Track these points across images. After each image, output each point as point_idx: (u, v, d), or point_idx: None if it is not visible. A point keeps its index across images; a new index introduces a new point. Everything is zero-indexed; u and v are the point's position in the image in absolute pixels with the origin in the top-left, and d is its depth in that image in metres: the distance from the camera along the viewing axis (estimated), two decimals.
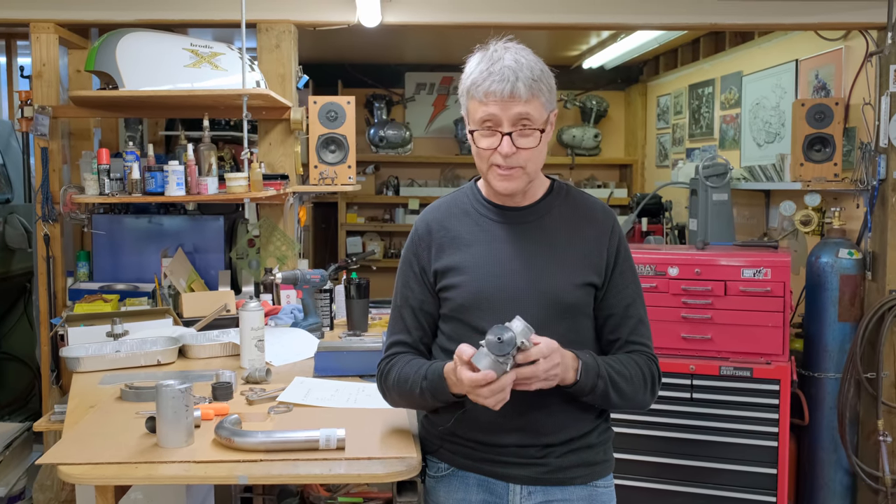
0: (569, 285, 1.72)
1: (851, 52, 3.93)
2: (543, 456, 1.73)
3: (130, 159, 3.24)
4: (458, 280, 1.75)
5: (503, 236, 1.76)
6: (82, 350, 2.67)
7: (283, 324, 3.13)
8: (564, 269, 1.73)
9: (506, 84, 1.62)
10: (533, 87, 1.64)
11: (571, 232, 1.76)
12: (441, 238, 1.79)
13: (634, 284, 1.80)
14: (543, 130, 1.68)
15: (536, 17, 3.71)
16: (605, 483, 1.81)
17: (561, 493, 1.75)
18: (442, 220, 1.82)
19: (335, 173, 3.64)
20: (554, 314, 1.70)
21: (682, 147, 5.94)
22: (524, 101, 1.63)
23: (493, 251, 1.75)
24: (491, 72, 1.64)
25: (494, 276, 1.72)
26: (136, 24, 3.56)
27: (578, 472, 1.76)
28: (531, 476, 1.73)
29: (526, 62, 1.66)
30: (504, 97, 1.63)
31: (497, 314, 1.64)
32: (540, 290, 1.71)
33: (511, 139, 1.65)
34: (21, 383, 5.05)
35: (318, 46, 5.46)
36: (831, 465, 3.70)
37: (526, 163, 1.68)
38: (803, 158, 3.85)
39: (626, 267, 1.79)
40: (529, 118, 1.65)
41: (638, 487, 3.40)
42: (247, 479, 1.73)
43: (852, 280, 3.65)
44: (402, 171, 7.08)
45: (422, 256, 1.81)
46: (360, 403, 2.16)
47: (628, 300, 1.78)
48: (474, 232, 1.78)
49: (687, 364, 3.35)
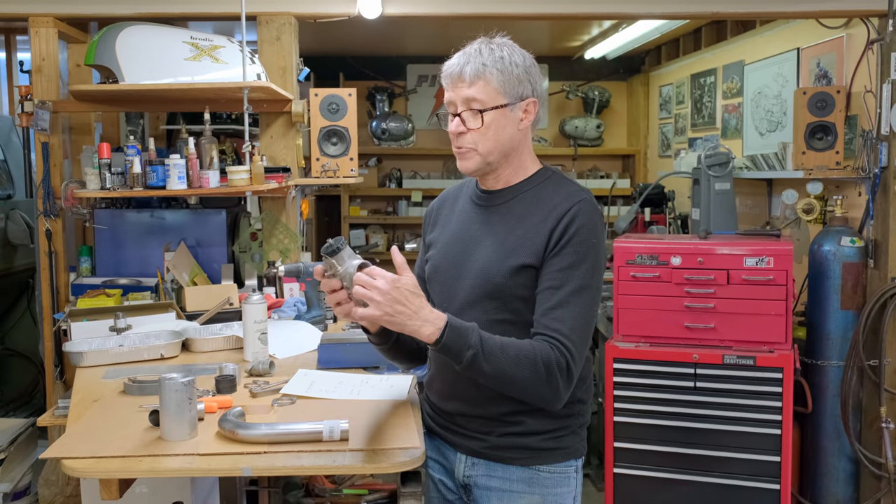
0: (501, 266, 1.78)
1: (853, 40, 3.91)
2: (486, 432, 1.86)
3: (132, 153, 3.23)
4: (431, 254, 1.96)
5: (473, 217, 1.90)
6: (85, 345, 2.67)
7: (286, 317, 3.13)
8: (502, 250, 1.80)
9: (454, 68, 1.79)
10: (480, 71, 1.75)
11: (522, 216, 1.81)
12: (437, 216, 2.00)
13: (575, 272, 1.73)
14: (486, 111, 1.76)
15: (538, 8, 3.70)
16: (550, 469, 1.85)
17: (502, 471, 1.86)
18: (444, 200, 2.02)
19: (337, 166, 3.64)
20: (483, 293, 1.79)
21: (684, 137, 5.92)
22: (468, 83, 1.76)
23: (460, 231, 1.90)
24: (454, 57, 1.81)
25: (449, 254, 1.87)
26: (136, 17, 3.55)
27: (516, 453, 1.85)
28: (474, 448, 1.89)
29: (489, 50, 1.77)
30: (453, 79, 1.79)
31: (442, 287, 1.86)
32: (475, 270, 1.82)
33: (461, 119, 1.79)
34: (25, 379, 5.07)
35: (319, 39, 5.44)
36: (834, 453, 3.70)
37: (475, 143, 1.80)
38: (805, 147, 3.84)
39: (571, 253, 1.73)
40: (476, 99, 1.76)
41: (641, 476, 3.41)
42: (251, 472, 1.73)
43: (855, 268, 3.65)
44: (405, 164, 7.07)
45: (426, 231, 2.02)
46: (363, 395, 2.16)
47: (556, 282, 1.73)
48: (458, 213, 1.94)
49: (690, 353, 3.35)
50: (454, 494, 1.96)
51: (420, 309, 1.62)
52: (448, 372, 1.83)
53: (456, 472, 1.92)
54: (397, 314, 1.60)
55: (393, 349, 1.87)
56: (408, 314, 1.61)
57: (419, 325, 1.62)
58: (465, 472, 1.91)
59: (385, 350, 1.88)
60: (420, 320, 1.62)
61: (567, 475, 1.88)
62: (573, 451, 1.89)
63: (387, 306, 1.59)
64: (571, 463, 1.89)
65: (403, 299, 1.60)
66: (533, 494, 1.85)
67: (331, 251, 1.65)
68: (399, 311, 1.60)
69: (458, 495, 1.95)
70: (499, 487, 1.87)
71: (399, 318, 1.60)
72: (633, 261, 3.44)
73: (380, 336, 1.82)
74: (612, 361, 3.42)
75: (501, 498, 1.86)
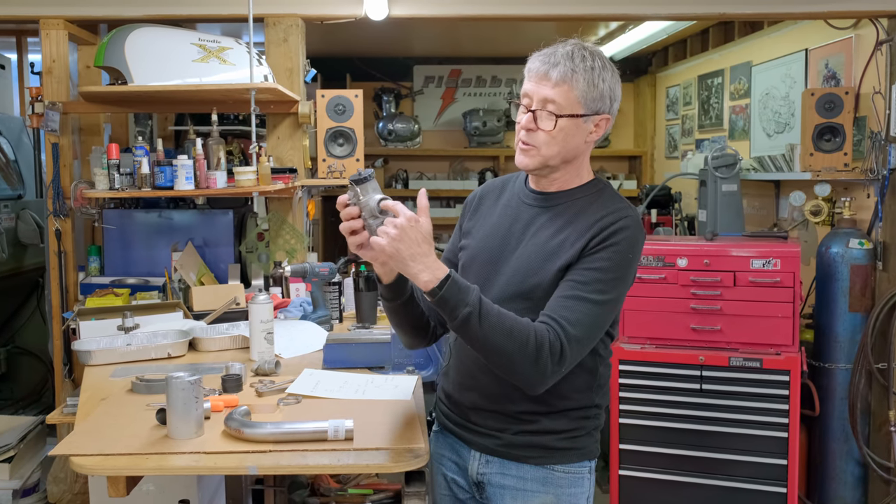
0: (541, 267, 1.78)
1: (861, 41, 3.90)
2: (501, 430, 1.85)
3: (140, 154, 3.25)
4: (466, 243, 1.95)
5: (518, 215, 1.88)
6: (94, 344, 2.68)
7: (292, 316, 3.14)
8: (543, 251, 1.79)
9: (544, 65, 1.75)
10: (567, 76, 1.72)
11: (570, 221, 1.80)
12: (478, 205, 1.98)
13: (603, 276, 1.72)
14: (563, 117, 1.74)
15: (544, 9, 3.70)
16: (565, 469, 1.85)
17: (516, 470, 1.86)
18: (487, 190, 2.01)
19: (343, 167, 3.65)
20: (517, 291, 1.78)
21: (691, 138, 5.91)
22: (553, 84, 1.73)
23: (501, 225, 1.88)
24: (544, 53, 1.77)
25: (487, 247, 1.86)
26: (145, 19, 3.57)
27: (532, 452, 1.85)
28: (488, 446, 1.88)
29: (581, 56, 1.74)
30: (539, 76, 1.75)
31: (477, 279, 1.80)
32: (513, 267, 1.81)
33: (534, 116, 1.76)
34: (34, 377, 5.09)
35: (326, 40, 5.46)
36: (842, 456, 3.69)
37: (542, 144, 1.77)
38: (813, 148, 3.83)
39: (605, 258, 1.72)
40: (554, 102, 1.74)
41: (647, 479, 3.41)
42: (256, 470, 1.74)
43: (863, 270, 3.64)
44: (411, 165, 7.09)
45: (465, 216, 2.01)
46: (368, 395, 2.17)
47: (581, 278, 1.72)
48: (501, 206, 1.93)
49: (696, 355, 3.35)
50: (466, 493, 1.95)
51: (426, 255, 1.62)
52: (468, 362, 1.85)
53: (469, 470, 1.92)
54: (403, 251, 1.60)
55: (402, 310, 1.83)
56: (413, 255, 1.60)
57: (420, 269, 1.61)
58: (478, 470, 1.90)
59: (393, 309, 1.83)
60: (423, 265, 1.61)
61: (581, 476, 1.87)
62: (588, 453, 1.88)
63: (398, 241, 1.59)
64: (585, 464, 1.88)
65: (415, 240, 1.60)
66: (547, 494, 1.85)
67: (358, 179, 1.66)
68: (405, 249, 1.60)
69: (470, 494, 1.95)
70: (513, 486, 1.86)
71: (403, 256, 1.60)
72: (640, 262, 3.43)
73: (392, 290, 1.78)
74: (617, 363, 3.42)
75: (515, 497, 1.86)
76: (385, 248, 1.60)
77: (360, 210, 1.67)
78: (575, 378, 1.78)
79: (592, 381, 1.85)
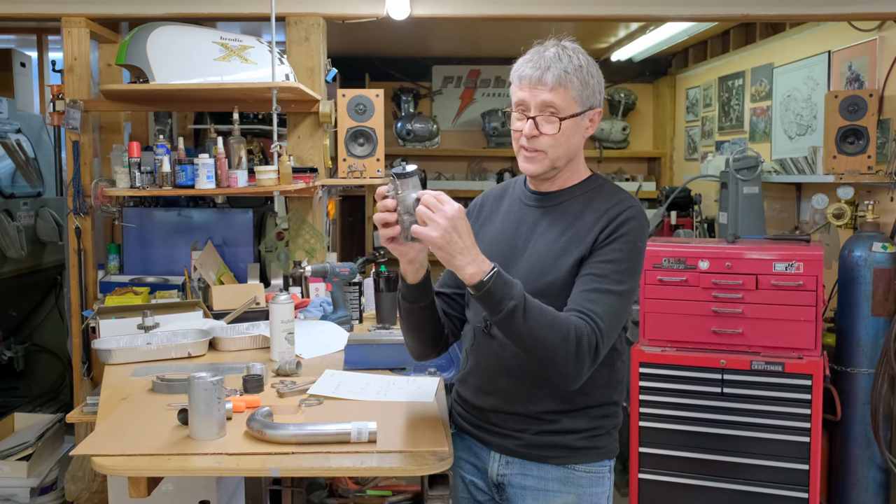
0: (554, 264, 1.78)
1: (886, 43, 3.86)
2: (522, 431, 1.85)
3: (161, 152, 3.25)
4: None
5: (522, 218, 1.89)
6: (114, 342, 2.68)
7: (312, 317, 3.14)
8: (554, 248, 1.80)
9: (536, 70, 1.76)
10: (562, 78, 1.74)
11: (576, 217, 1.81)
12: (481, 211, 1.99)
13: (618, 266, 1.73)
14: (565, 119, 1.76)
15: (565, 9, 3.68)
16: (586, 468, 1.85)
17: (537, 470, 1.86)
18: (489, 197, 2.02)
19: (364, 166, 3.64)
20: (532, 290, 1.74)
21: (711, 140, 5.87)
22: (549, 88, 1.75)
23: (506, 230, 1.90)
24: (531, 59, 1.78)
25: (494, 253, 1.82)
26: (167, 17, 3.58)
27: (552, 452, 1.84)
28: (509, 447, 1.87)
29: (567, 56, 1.76)
30: (533, 82, 1.76)
31: None
32: (525, 268, 1.81)
33: (535, 123, 1.77)
34: (52, 375, 5.12)
35: (346, 39, 5.46)
36: (864, 462, 3.65)
37: (548, 148, 1.79)
38: (836, 151, 3.79)
39: (617, 249, 1.74)
40: (554, 106, 1.75)
41: (668, 483, 3.38)
42: (279, 472, 1.73)
43: (886, 274, 3.60)
44: (430, 165, 7.07)
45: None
46: (390, 397, 2.15)
47: (598, 271, 1.73)
48: (503, 212, 1.94)
49: (717, 358, 3.32)
50: (485, 495, 1.95)
51: (473, 248, 1.62)
52: (488, 367, 1.85)
53: (489, 472, 1.91)
54: (452, 243, 1.59)
55: (422, 313, 1.83)
56: (461, 247, 1.59)
57: (467, 261, 1.60)
58: (499, 471, 1.90)
59: (413, 311, 1.82)
60: (469, 257, 1.60)
61: (602, 475, 1.88)
62: (607, 452, 1.89)
63: (447, 233, 1.58)
64: (606, 463, 1.88)
65: (463, 232, 1.60)
66: (568, 494, 1.84)
67: (401, 174, 1.64)
68: (454, 241, 1.59)
69: (489, 496, 1.94)
70: (534, 486, 1.86)
71: (452, 247, 1.59)
72: (660, 264, 3.41)
73: (416, 291, 1.78)
74: (637, 366, 3.39)
75: (536, 497, 1.86)
76: (436, 239, 1.58)
77: (396, 204, 1.66)
78: (596, 373, 1.76)
79: (611, 377, 1.86)
